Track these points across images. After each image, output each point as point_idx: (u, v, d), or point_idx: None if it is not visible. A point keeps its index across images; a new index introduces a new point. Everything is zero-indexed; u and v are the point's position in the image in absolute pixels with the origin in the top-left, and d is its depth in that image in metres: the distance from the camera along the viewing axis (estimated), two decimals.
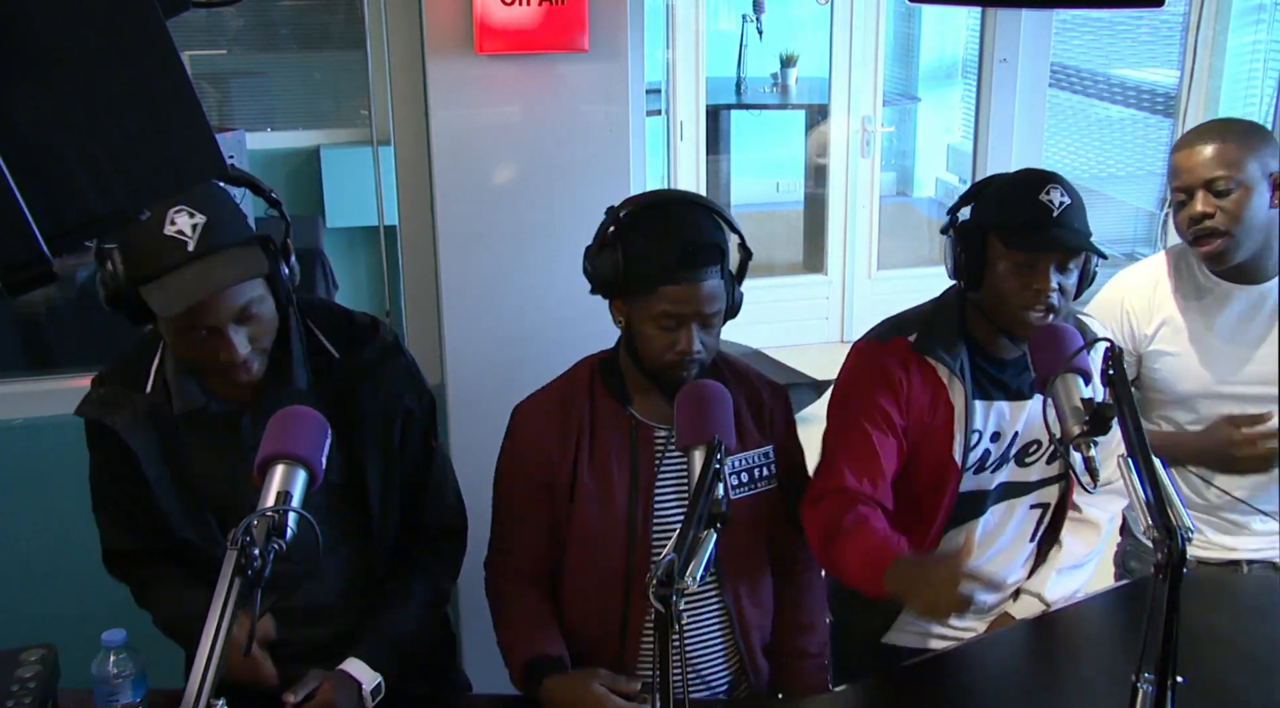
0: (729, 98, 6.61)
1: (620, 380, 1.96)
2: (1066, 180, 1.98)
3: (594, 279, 1.92)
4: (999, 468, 2.08)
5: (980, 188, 2.08)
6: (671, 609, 1.36)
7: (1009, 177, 2.05)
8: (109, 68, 0.90)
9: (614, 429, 1.94)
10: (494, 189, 2.60)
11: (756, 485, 1.99)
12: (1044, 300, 1.93)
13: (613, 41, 2.55)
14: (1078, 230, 1.94)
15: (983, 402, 2.04)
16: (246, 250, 1.67)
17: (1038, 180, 1.96)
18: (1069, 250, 1.93)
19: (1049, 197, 1.92)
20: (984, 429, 2.04)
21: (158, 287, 1.61)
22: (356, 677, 1.77)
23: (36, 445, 2.67)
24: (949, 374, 2.02)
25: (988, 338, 2.04)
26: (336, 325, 1.89)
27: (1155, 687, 1.49)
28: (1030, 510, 2.13)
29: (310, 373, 1.82)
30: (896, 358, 2.04)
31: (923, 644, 2.18)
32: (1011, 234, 1.95)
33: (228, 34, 4.21)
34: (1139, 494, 1.52)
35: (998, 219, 1.98)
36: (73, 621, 2.05)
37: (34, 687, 1.73)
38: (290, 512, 1.39)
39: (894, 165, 7.64)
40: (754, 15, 6.44)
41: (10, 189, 0.83)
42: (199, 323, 1.65)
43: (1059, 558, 2.16)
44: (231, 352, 1.68)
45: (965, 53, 7.23)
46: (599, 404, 1.95)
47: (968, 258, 1.99)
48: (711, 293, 1.84)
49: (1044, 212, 1.92)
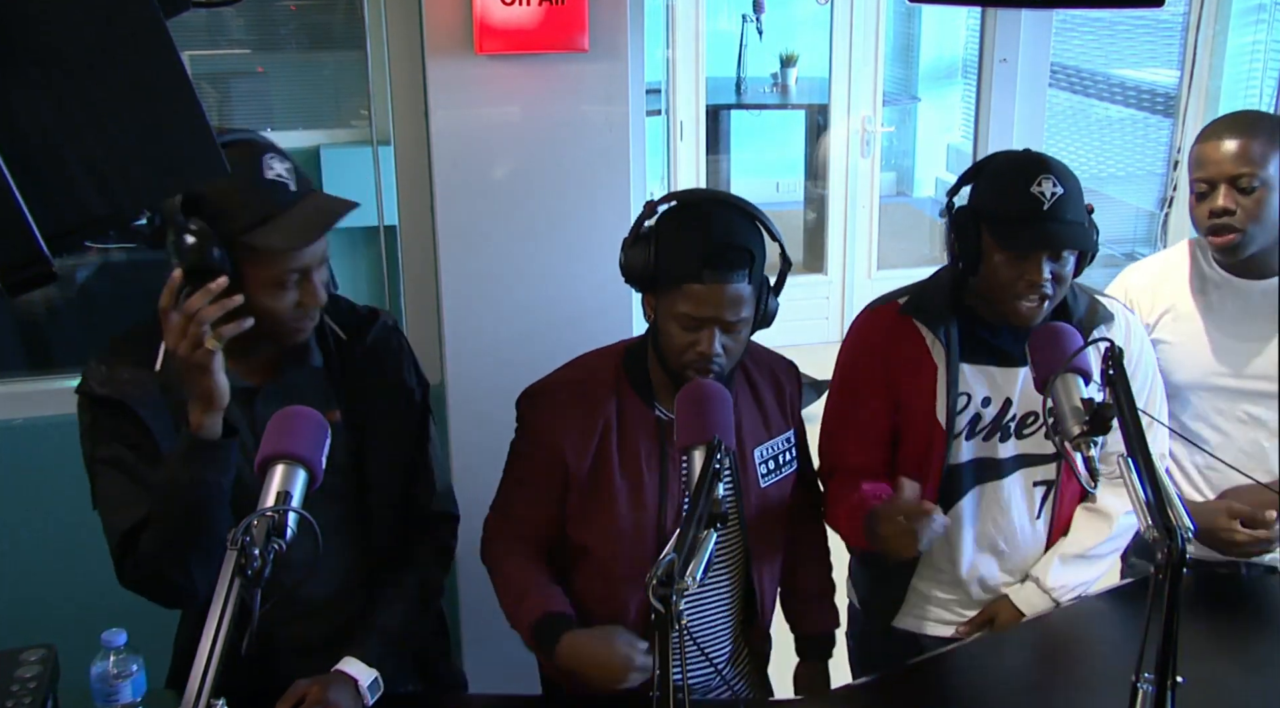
0: (729, 98, 6.61)
1: (646, 378, 1.95)
2: (1059, 166, 1.98)
3: (626, 271, 1.90)
4: (993, 435, 2.08)
5: (979, 168, 2.09)
6: (671, 609, 1.36)
7: (1004, 160, 2.05)
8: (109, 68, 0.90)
9: (641, 429, 1.93)
10: (494, 189, 2.60)
11: (782, 470, 2.03)
12: (1038, 291, 1.95)
13: (613, 41, 2.55)
14: (1070, 222, 1.94)
15: (971, 365, 2.06)
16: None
17: (1029, 169, 1.96)
18: (1059, 247, 1.94)
19: (1040, 189, 1.93)
20: (973, 393, 2.06)
21: (274, 228, 1.64)
22: (352, 674, 1.77)
23: (36, 445, 2.67)
24: (932, 338, 2.06)
25: (982, 306, 2.06)
26: (340, 310, 1.92)
27: (1155, 687, 1.49)
28: (1034, 487, 2.13)
29: (323, 352, 1.85)
30: (884, 322, 2.12)
31: (933, 631, 2.20)
32: (1002, 229, 1.96)
33: (228, 34, 4.21)
34: (1139, 494, 1.52)
35: (989, 212, 2.00)
36: (73, 621, 2.05)
37: (34, 687, 1.73)
38: (290, 512, 1.39)
39: (894, 165, 7.64)
40: (754, 15, 6.44)
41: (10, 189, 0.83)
42: (300, 265, 1.69)
43: (1063, 546, 2.16)
44: (317, 295, 1.72)
45: (965, 53, 7.24)
46: (625, 402, 1.93)
47: (962, 246, 2.01)
48: (736, 297, 1.80)
49: (1034, 205, 1.93)
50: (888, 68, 6.46)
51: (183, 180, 0.96)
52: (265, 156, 1.65)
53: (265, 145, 1.68)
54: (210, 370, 1.61)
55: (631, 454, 1.92)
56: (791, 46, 6.70)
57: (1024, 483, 2.13)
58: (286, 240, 1.65)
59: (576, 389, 1.95)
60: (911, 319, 2.09)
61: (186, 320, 1.59)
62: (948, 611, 2.20)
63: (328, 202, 1.70)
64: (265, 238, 1.64)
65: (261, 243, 1.64)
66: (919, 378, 2.07)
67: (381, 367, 1.91)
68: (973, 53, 4.91)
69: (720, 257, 1.78)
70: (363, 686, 1.77)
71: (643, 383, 1.94)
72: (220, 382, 1.63)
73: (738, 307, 1.81)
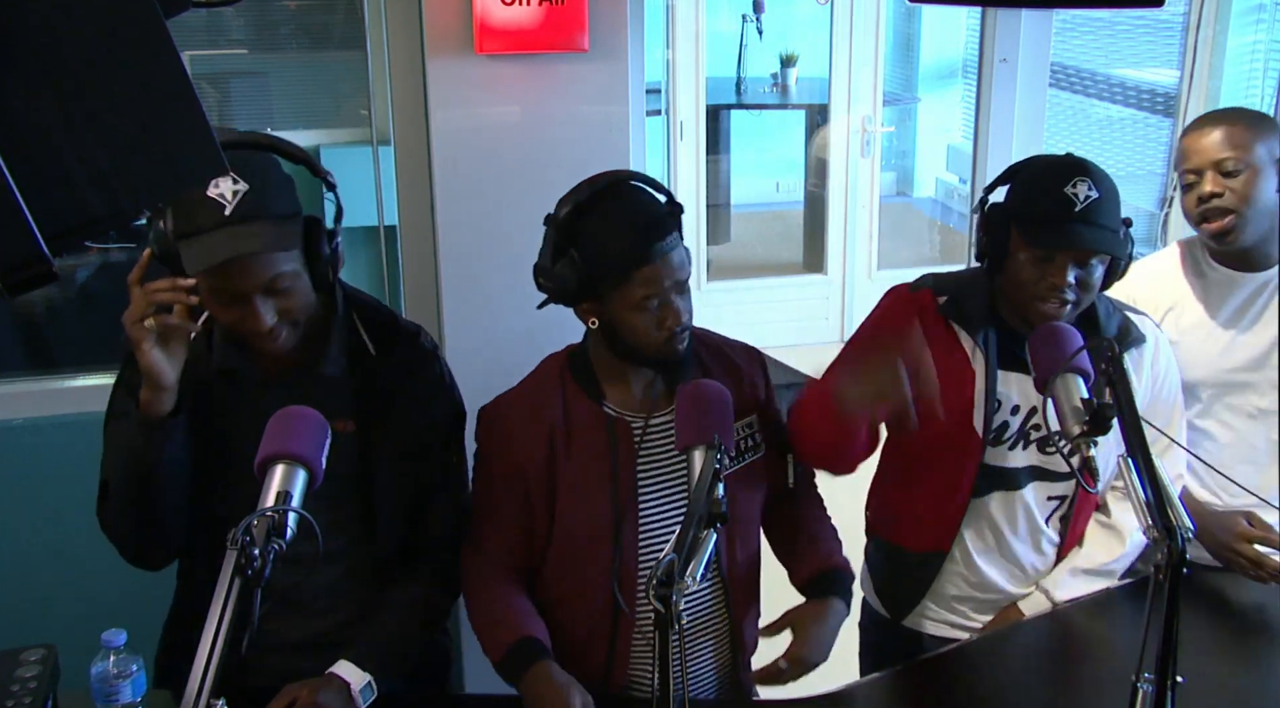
0: (729, 98, 6.61)
1: (591, 374, 1.93)
2: (1099, 172, 1.95)
3: (555, 291, 1.87)
4: (1016, 445, 2.07)
5: (1017, 169, 2.06)
6: (672, 609, 1.36)
7: (1044, 162, 2.04)
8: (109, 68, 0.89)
9: (589, 426, 1.91)
10: (494, 189, 2.60)
11: (744, 457, 1.98)
12: (1059, 295, 1.93)
13: (613, 41, 2.55)
14: (1101, 227, 1.91)
15: (1003, 372, 2.04)
16: (283, 224, 1.69)
17: (1067, 171, 1.93)
18: (1084, 250, 1.91)
19: (1074, 190, 1.90)
20: (1005, 400, 2.05)
21: (192, 244, 1.64)
22: (345, 677, 1.77)
23: (36, 445, 2.67)
24: (972, 345, 2.04)
25: (1012, 313, 2.05)
26: (381, 324, 1.92)
27: (1155, 687, 1.49)
28: (1049, 501, 2.12)
29: (345, 362, 1.85)
30: (922, 310, 2.07)
31: (939, 633, 2.20)
32: (1029, 227, 1.94)
33: (228, 34, 4.21)
34: (1139, 494, 1.52)
35: (1020, 209, 1.98)
36: (73, 621, 2.05)
37: (34, 687, 1.73)
38: (290, 512, 1.39)
39: (894, 165, 7.64)
40: (754, 15, 6.44)
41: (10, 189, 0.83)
42: (226, 286, 1.68)
43: (1075, 559, 2.16)
44: (256, 321, 1.70)
45: (965, 53, 7.24)
46: (571, 401, 1.92)
47: (990, 242, 2.00)
48: (681, 260, 1.84)
49: (1066, 206, 1.90)
50: (888, 68, 6.46)
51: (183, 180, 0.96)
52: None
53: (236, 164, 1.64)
54: (143, 348, 1.65)
55: (580, 451, 1.90)
56: (791, 46, 6.70)
57: (1040, 493, 2.11)
58: (190, 263, 1.65)
59: (523, 401, 1.95)
60: (949, 320, 2.06)
61: (141, 295, 1.65)
62: (955, 614, 2.19)
63: (250, 237, 1.64)
64: (183, 252, 1.65)
65: (182, 255, 1.66)
66: (955, 382, 2.03)
67: (404, 386, 1.89)
68: (973, 53, 4.91)
69: (653, 230, 1.81)
70: (355, 689, 1.76)
71: (589, 382, 1.93)
72: (155, 361, 1.66)
73: (684, 267, 1.85)
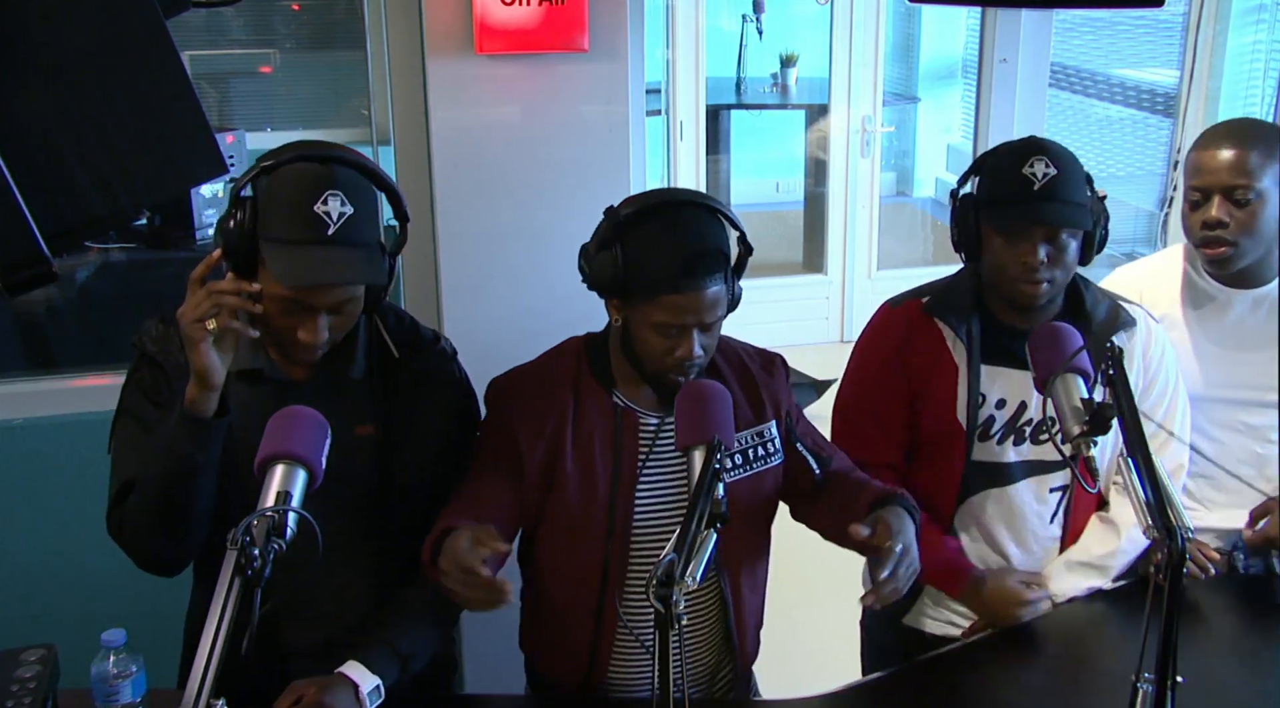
0: (729, 98, 6.62)
1: (605, 363, 1.92)
2: (1056, 148, 1.98)
3: (590, 278, 1.87)
4: (1007, 439, 2.08)
5: (983, 160, 2.10)
6: (671, 609, 1.36)
7: (1004, 148, 2.07)
8: (109, 68, 0.90)
9: (598, 415, 1.90)
10: (494, 189, 2.60)
11: (753, 465, 1.94)
12: (1033, 274, 1.96)
13: (613, 41, 2.55)
14: (1064, 201, 1.94)
15: (989, 366, 2.07)
16: (374, 254, 1.72)
17: (1024, 152, 1.98)
18: (1048, 225, 1.94)
19: (1031, 170, 1.94)
20: (989, 394, 2.07)
21: (286, 254, 1.65)
22: (353, 678, 1.76)
23: (36, 445, 2.67)
24: (953, 337, 2.07)
25: (1000, 308, 2.08)
26: (403, 328, 1.93)
27: (1155, 687, 1.49)
28: (1050, 493, 2.13)
29: (368, 366, 1.86)
30: (905, 318, 2.13)
31: (939, 631, 2.20)
32: (994, 211, 1.99)
33: (228, 34, 4.21)
34: (1139, 494, 1.52)
35: (984, 196, 2.03)
36: (73, 621, 2.05)
37: (34, 687, 1.73)
38: (290, 512, 1.39)
39: (894, 165, 7.64)
40: (754, 15, 6.45)
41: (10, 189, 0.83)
42: (300, 299, 1.69)
43: (1071, 552, 2.16)
44: (314, 336, 1.71)
45: (965, 53, 7.24)
46: (583, 389, 1.91)
47: (963, 233, 2.04)
48: (714, 300, 1.79)
49: (1025, 186, 1.94)
50: (887, 68, 6.45)
51: (182, 180, 0.96)
52: (329, 192, 1.65)
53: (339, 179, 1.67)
54: (200, 348, 1.64)
55: (586, 440, 1.88)
56: (791, 46, 6.70)
57: (1037, 488, 2.12)
58: (283, 274, 1.66)
59: (535, 378, 1.94)
60: (933, 318, 2.09)
61: (206, 295, 1.65)
62: (954, 612, 2.19)
63: (349, 265, 1.68)
64: (270, 255, 1.66)
65: (268, 258, 1.67)
66: (940, 377, 2.07)
67: (425, 391, 1.90)
68: (973, 53, 4.91)
69: (695, 264, 1.76)
70: (363, 691, 1.75)
71: (603, 370, 1.92)
72: (211, 362, 1.65)
73: (715, 308, 1.80)
